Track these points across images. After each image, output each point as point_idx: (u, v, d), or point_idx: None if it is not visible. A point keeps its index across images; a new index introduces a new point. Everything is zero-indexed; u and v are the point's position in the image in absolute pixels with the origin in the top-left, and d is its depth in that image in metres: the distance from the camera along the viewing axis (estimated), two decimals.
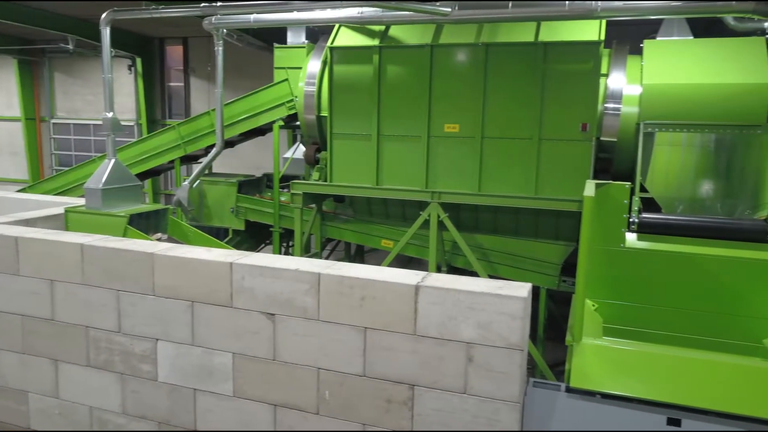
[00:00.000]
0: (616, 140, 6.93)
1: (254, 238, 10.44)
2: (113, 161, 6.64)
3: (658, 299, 4.51)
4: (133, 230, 6.04)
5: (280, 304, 3.62)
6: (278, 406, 3.74)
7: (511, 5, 6.25)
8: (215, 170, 10.52)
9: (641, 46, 6.83)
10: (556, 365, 7.64)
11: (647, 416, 3.28)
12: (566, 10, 6.11)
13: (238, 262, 3.70)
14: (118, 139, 7.18)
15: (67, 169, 11.44)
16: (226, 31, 9.41)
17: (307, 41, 9.03)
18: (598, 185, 4.45)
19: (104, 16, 7.33)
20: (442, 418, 3.34)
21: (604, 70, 6.96)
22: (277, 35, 10.13)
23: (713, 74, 6.28)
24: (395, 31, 7.53)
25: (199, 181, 9.42)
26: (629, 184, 4.54)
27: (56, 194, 10.44)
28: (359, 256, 10.75)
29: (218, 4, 7.59)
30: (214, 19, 8.08)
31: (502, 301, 3.14)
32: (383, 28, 7.56)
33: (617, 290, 4.58)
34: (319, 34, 9.11)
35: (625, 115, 6.85)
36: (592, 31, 6.72)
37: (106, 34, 7.24)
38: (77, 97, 17.06)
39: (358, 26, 7.62)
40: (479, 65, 6.99)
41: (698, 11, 5.84)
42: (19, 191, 10.51)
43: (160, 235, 6.72)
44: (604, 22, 6.70)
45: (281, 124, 9.38)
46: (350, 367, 3.51)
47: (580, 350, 3.74)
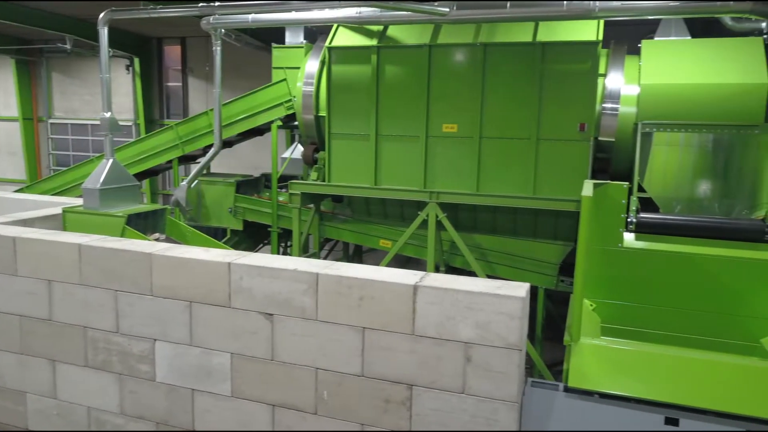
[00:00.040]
0: (614, 140, 6.94)
1: (252, 238, 10.44)
2: (111, 161, 6.64)
3: (656, 299, 4.52)
4: (131, 230, 6.03)
5: (278, 304, 3.62)
6: (276, 406, 3.73)
7: (509, 5, 6.26)
8: (213, 170, 10.50)
9: (639, 46, 6.85)
10: (554, 365, 7.65)
11: (645, 416, 3.29)
12: (564, 10, 6.12)
13: (236, 262, 3.70)
14: (115, 139, 7.18)
15: (64, 169, 11.40)
16: (224, 31, 9.39)
17: (305, 41, 9.02)
18: (596, 185, 4.45)
19: (102, 16, 7.33)
20: (440, 417, 3.34)
21: (602, 70, 6.97)
22: (275, 35, 10.12)
23: (711, 74, 6.30)
24: (393, 31, 7.54)
25: (197, 181, 9.41)
26: (627, 184, 4.55)
27: (54, 194, 10.43)
28: (357, 256, 10.76)
29: (216, 4, 7.59)
30: (212, 19, 8.07)
31: (500, 300, 3.14)
32: (381, 28, 7.56)
33: (615, 290, 4.59)
34: (317, 34, 9.10)
35: (623, 115, 6.86)
36: (590, 31, 6.73)
37: (103, 34, 7.25)
38: (75, 97, 17.04)
39: (356, 26, 7.62)
40: (477, 65, 6.99)
41: (696, 11, 5.86)
42: (16, 191, 10.50)
43: (158, 235, 6.72)
44: (602, 22, 6.71)
45: (279, 124, 9.37)
46: (348, 367, 3.51)
47: (578, 350, 3.75)
